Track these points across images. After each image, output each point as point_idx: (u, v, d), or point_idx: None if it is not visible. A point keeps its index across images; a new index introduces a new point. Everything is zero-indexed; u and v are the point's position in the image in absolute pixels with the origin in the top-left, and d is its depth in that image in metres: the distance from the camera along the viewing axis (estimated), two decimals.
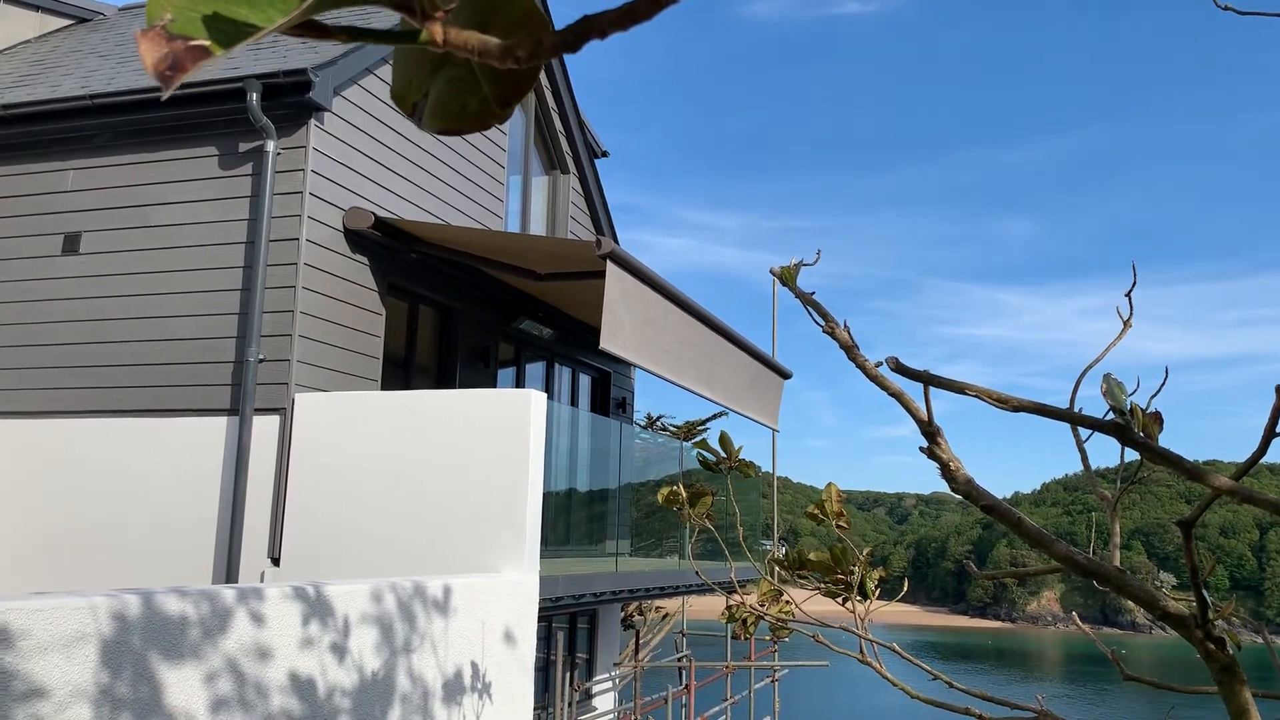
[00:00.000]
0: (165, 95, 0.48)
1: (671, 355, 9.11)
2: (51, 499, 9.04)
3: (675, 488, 3.02)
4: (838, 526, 2.71)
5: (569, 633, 12.99)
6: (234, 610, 4.66)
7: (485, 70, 0.54)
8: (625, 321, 8.16)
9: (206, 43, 0.45)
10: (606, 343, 7.89)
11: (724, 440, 3.09)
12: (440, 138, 10.27)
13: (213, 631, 4.53)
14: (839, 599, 2.66)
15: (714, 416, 23.55)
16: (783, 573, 2.79)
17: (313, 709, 5.06)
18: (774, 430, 13.75)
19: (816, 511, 2.76)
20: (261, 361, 8.49)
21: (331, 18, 0.51)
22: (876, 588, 2.63)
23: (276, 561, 8.31)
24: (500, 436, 7.82)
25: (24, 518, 9.09)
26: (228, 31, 0.45)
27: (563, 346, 13.23)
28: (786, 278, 2.04)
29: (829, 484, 2.79)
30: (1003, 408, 1.61)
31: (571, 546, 10.95)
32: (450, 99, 0.55)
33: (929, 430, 1.75)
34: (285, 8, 0.46)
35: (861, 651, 2.48)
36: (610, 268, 8.17)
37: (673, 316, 9.31)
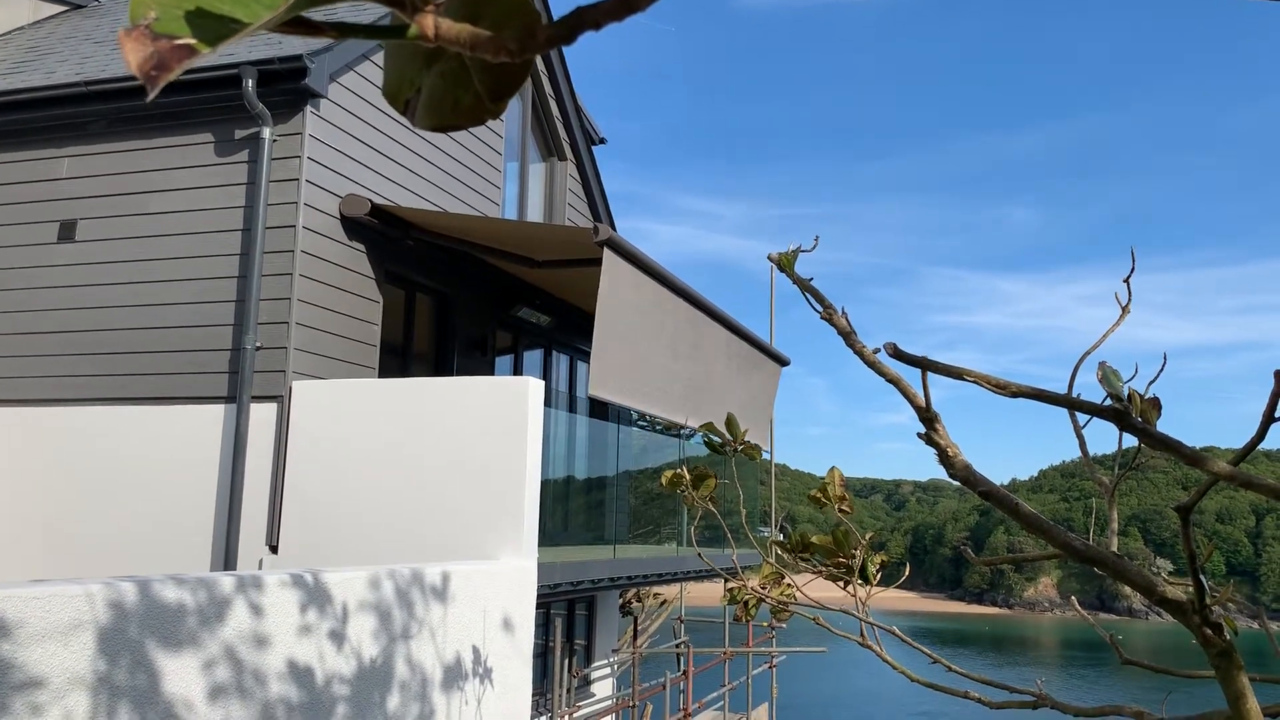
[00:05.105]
0: (151, 96, 0.47)
1: (661, 391, 9.21)
2: (48, 486, 9.04)
3: (679, 470, 3.03)
4: (840, 511, 2.71)
5: (567, 619, 13.03)
6: (232, 598, 4.67)
7: (478, 64, 0.53)
8: (614, 358, 8.23)
9: (192, 41, 0.44)
10: (595, 389, 8.01)
11: (730, 423, 3.09)
12: None
13: (210, 619, 4.53)
14: (840, 583, 2.66)
15: None
16: (785, 555, 2.79)
17: (311, 696, 5.07)
18: (765, 450, 13.90)
19: (819, 495, 2.76)
20: (258, 349, 8.48)
21: (320, 13, 0.50)
22: (878, 572, 2.63)
23: (274, 549, 8.32)
24: (498, 424, 7.82)
25: (20, 505, 9.09)
26: (214, 29, 0.45)
27: (560, 334, 13.22)
28: (784, 264, 2.04)
29: (832, 468, 2.79)
30: (1001, 393, 1.61)
31: (570, 533, 10.97)
32: (442, 94, 0.55)
33: (927, 416, 1.75)
34: (272, 4, 0.45)
35: (862, 635, 2.48)
36: (607, 255, 8.17)
37: (668, 312, 9.34)
